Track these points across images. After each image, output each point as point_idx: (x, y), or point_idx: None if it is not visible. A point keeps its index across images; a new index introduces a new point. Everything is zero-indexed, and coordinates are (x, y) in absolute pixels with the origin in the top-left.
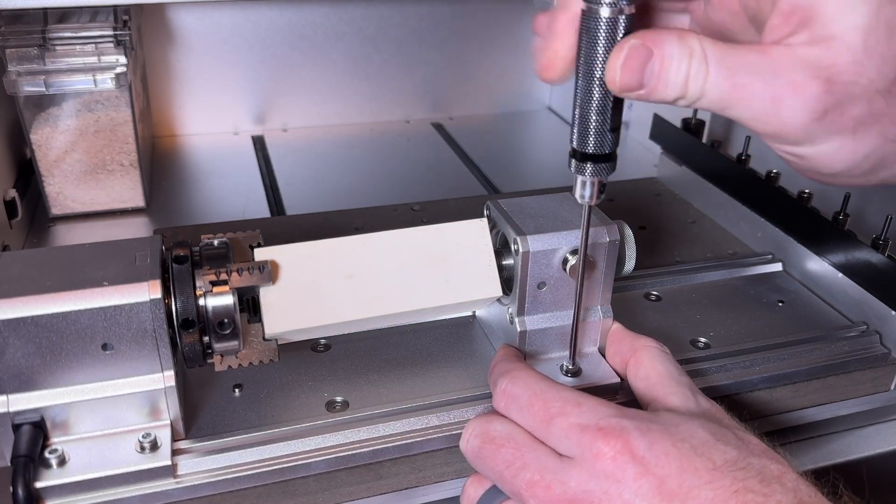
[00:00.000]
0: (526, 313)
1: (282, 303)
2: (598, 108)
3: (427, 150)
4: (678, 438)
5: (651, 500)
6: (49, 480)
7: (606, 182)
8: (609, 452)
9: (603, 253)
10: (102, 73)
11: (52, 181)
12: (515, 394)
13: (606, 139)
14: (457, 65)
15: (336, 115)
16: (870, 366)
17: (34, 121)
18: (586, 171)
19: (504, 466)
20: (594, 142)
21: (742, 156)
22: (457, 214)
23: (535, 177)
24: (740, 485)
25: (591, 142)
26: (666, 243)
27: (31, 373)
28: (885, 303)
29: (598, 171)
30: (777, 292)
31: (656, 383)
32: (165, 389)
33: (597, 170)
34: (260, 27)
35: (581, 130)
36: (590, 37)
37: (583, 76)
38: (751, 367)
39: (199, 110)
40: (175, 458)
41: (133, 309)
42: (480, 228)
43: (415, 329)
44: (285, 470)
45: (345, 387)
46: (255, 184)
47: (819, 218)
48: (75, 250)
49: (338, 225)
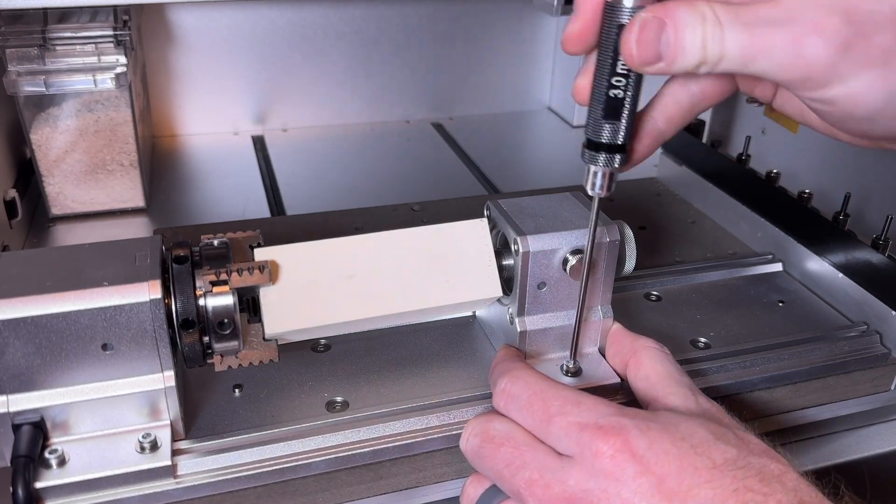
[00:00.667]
0: (526, 313)
1: (282, 303)
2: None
3: (427, 150)
4: (678, 437)
5: (650, 498)
6: (49, 481)
7: (617, 174)
8: (608, 451)
9: (603, 253)
10: (102, 73)
11: (52, 181)
12: (515, 393)
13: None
14: (457, 65)
15: (336, 115)
16: (870, 366)
17: (34, 121)
18: (599, 160)
19: (503, 465)
20: (609, 131)
21: (742, 156)
22: (457, 214)
23: (535, 177)
24: (740, 484)
25: (605, 131)
26: (666, 243)
27: (30, 373)
28: (885, 303)
29: (610, 161)
30: (777, 292)
31: (656, 383)
32: (165, 389)
33: (609, 160)
34: (260, 27)
35: (595, 119)
36: (609, 23)
37: (601, 66)
38: (751, 367)
39: (199, 110)
40: (175, 458)
41: (133, 309)
42: (480, 228)
43: (415, 329)
44: (285, 470)
45: (345, 387)
46: (255, 184)
47: (819, 218)
48: (75, 250)
49: (338, 225)
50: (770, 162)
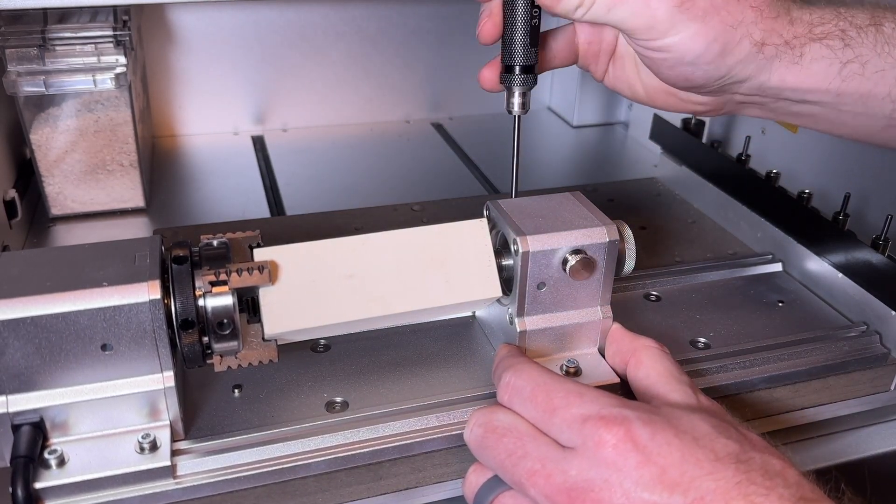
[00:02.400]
0: (526, 314)
1: (281, 303)
2: (522, 29)
3: (427, 150)
4: (680, 430)
5: (652, 489)
6: (48, 481)
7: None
8: (611, 440)
9: (603, 253)
10: (102, 73)
11: (52, 181)
12: (518, 386)
13: (531, 53)
14: (457, 65)
15: (336, 115)
16: (870, 366)
17: (34, 121)
18: (528, 81)
19: (505, 455)
20: (522, 55)
21: (742, 156)
22: (457, 214)
23: (535, 177)
24: (743, 476)
25: (518, 55)
26: (666, 243)
27: (30, 373)
28: (885, 303)
29: (525, 81)
30: (777, 292)
31: (657, 382)
32: (165, 390)
33: (524, 80)
34: (260, 27)
35: (510, 48)
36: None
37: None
38: (751, 367)
39: (199, 110)
40: (174, 458)
41: (133, 309)
42: (480, 228)
43: (415, 329)
44: (285, 470)
45: (345, 387)
46: (255, 184)
47: (819, 218)
48: (75, 250)
49: (338, 225)
50: (770, 162)
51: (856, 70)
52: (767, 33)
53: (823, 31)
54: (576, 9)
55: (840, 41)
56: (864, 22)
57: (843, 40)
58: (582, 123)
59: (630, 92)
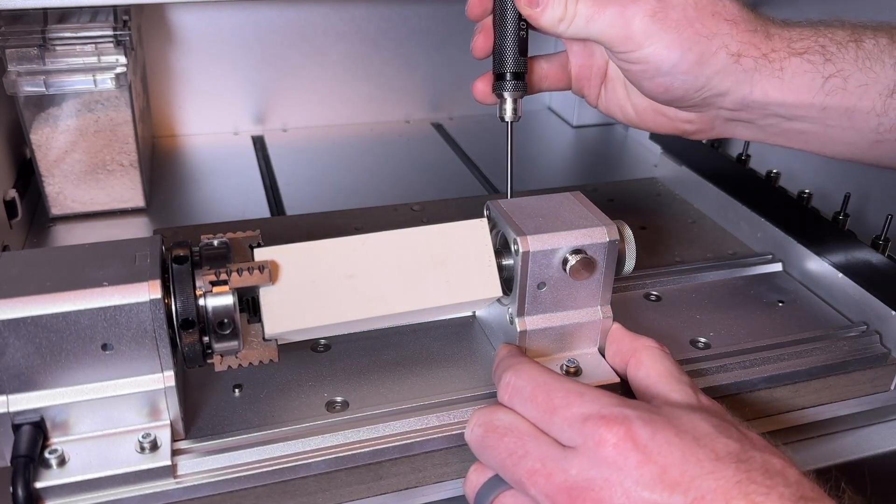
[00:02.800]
0: (526, 313)
1: (282, 303)
2: (511, 38)
3: (427, 150)
4: (681, 429)
5: (652, 488)
6: (49, 481)
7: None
8: (611, 439)
9: (603, 253)
10: (102, 73)
11: (52, 181)
12: (519, 386)
13: (521, 61)
14: (457, 65)
15: (336, 115)
16: (870, 366)
17: (34, 121)
18: (520, 87)
19: (506, 455)
20: (512, 62)
21: (742, 156)
22: (457, 214)
23: (535, 177)
24: (743, 475)
25: (509, 63)
26: (666, 243)
27: (30, 373)
28: (885, 303)
29: (516, 87)
30: (777, 292)
31: (657, 382)
32: (165, 389)
33: (515, 86)
34: (260, 27)
35: (500, 57)
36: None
37: (499, 18)
38: (751, 367)
39: (199, 110)
40: (175, 458)
41: (133, 309)
42: (480, 228)
43: (415, 329)
44: (285, 470)
45: (345, 387)
46: (255, 184)
47: (819, 218)
48: (75, 250)
49: (338, 225)
50: (770, 162)
51: (839, 84)
52: (744, 45)
53: (803, 46)
54: (559, 23)
55: (820, 56)
56: (844, 38)
57: (823, 55)
58: (582, 123)
59: (622, 115)
